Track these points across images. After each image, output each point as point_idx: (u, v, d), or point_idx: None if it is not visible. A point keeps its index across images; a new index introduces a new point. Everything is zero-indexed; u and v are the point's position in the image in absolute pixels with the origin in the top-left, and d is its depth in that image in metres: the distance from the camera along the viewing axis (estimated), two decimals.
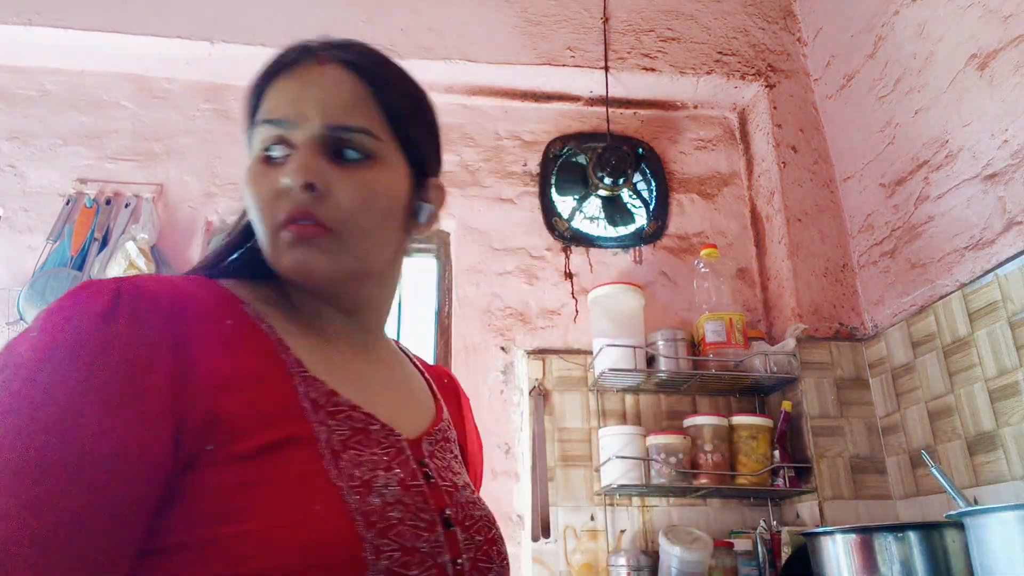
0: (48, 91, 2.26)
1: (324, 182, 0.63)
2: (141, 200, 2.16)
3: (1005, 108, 1.64)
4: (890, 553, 1.41)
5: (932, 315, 1.82)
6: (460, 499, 0.64)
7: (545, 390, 2.10)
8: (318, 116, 0.64)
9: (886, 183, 2.05)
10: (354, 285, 0.69)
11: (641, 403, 2.12)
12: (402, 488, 0.58)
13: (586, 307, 2.17)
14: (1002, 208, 1.63)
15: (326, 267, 0.64)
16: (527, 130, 2.44)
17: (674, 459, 1.91)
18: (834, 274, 2.20)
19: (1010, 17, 1.63)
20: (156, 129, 2.28)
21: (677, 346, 2.05)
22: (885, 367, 1.99)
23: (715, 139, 2.54)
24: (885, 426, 1.99)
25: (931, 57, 1.88)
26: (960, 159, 1.77)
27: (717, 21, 2.51)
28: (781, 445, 1.97)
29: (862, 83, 2.17)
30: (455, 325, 2.19)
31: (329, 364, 0.64)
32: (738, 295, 2.31)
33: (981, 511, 1.28)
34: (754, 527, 1.95)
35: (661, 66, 2.41)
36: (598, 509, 1.99)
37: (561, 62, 2.37)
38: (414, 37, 2.32)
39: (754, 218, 2.44)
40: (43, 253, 2.06)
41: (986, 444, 1.62)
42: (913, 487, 1.86)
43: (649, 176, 2.45)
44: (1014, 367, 1.56)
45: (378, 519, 0.54)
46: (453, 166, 2.37)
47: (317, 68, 0.66)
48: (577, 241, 2.33)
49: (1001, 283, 1.61)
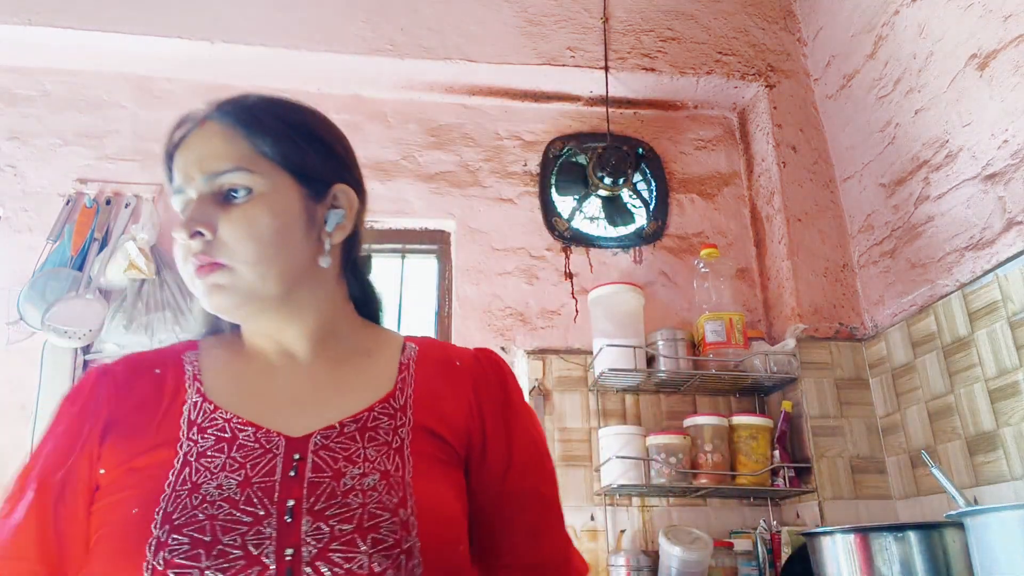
0: (48, 91, 2.26)
1: (210, 227, 0.72)
2: (141, 200, 2.16)
3: (1005, 108, 1.64)
4: (890, 553, 1.41)
5: (932, 315, 1.82)
6: (336, 489, 0.67)
7: (545, 390, 2.10)
8: (198, 172, 0.75)
9: (886, 183, 2.05)
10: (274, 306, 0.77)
11: (641, 403, 2.12)
12: (240, 486, 0.66)
13: (586, 307, 2.17)
14: (1002, 208, 1.63)
15: (234, 299, 0.74)
16: (527, 130, 2.44)
17: (674, 459, 1.91)
18: (834, 274, 2.20)
19: (1010, 17, 1.63)
20: (156, 129, 2.27)
21: (677, 346, 2.05)
22: (885, 367, 1.99)
23: (715, 139, 2.54)
24: (885, 426, 1.99)
25: (931, 57, 1.88)
26: (960, 159, 1.77)
27: (717, 21, 2.51)
28: (781, 445, 1.98)
29: (862, 83, 2.17)
30: (455, 325, 2.19)
31: (236, 384, 0.78)
32: (738, 295, 2.31)
33: (981, 511, 1.28)
34: (754, 527, 1.95)
35: (661, 66, 2.41)
36: (598, 509, 2.00)
37: (561, 62, 2.37)
38: (414, 37, 2.32)
39: (754, 218, 2.44)
40: (43, 253, 2.06)
41: (986, 444, 1.62)
42: (913, 487, 1.86)
43: (649, 176, 2.45)
44: (1014, 367, 1.56)
45: (179, 516, 0.63)
46: (453, 166, 2.37)
47: (197, 131, 0.78)
48: (577, 241, 2.33)
49: (1001, 283, 1.61)
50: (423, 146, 2.38)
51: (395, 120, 2.40)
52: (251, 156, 0.75)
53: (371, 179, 2.30)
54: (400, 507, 0.67)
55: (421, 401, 0.78)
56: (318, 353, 0.81)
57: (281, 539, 0.63)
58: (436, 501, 0.71)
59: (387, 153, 2.35)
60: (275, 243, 0.74)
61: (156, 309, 2.01)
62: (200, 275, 0.73)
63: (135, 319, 1.99)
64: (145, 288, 2.03)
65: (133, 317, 1.99)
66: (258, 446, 0.70)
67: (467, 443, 0.79)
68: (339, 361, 0.81)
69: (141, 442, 0.72)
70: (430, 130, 2.41)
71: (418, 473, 0.71)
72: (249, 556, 0.61)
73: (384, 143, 2.36)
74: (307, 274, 0.78)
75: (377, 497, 0.67)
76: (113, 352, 1.99)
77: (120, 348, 1.98)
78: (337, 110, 2.37)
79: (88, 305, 1.99)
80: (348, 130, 0.88)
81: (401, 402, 0.77)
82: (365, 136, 2.34)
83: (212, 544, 0.61)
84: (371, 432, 0.73)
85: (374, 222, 2.30)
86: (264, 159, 0.76)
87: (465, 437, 0.79)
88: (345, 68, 2.32)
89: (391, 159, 2.34)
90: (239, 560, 0.61)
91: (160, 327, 2.00)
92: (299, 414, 0.74)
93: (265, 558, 0.61)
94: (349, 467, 0.69)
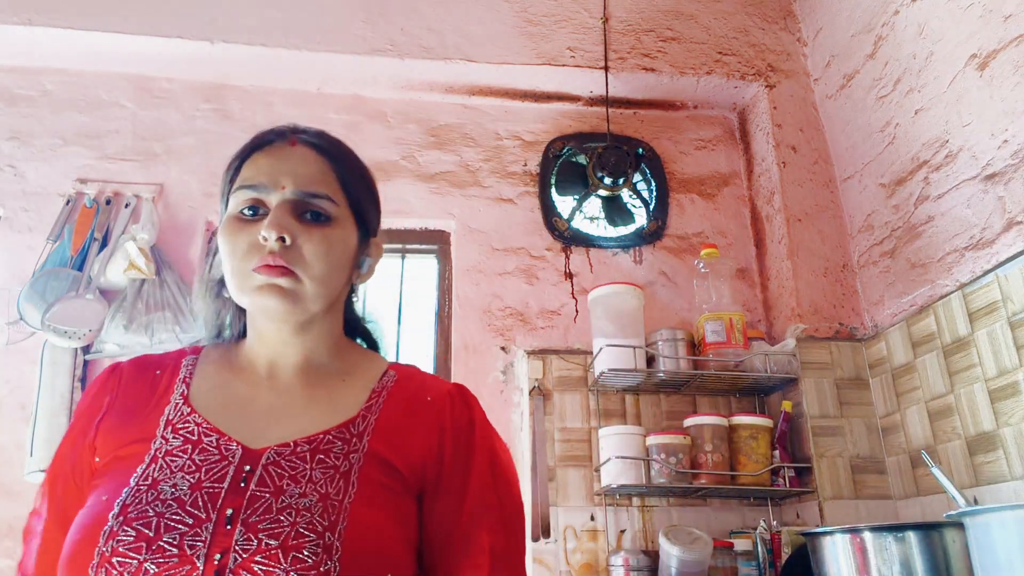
0: (48, 91, 2.26)
1: (292, 236, 0.79)
2: (141, 200, 2.16)
3: (1005, 108, 1.64)
4: (890, 553, 1.41)
5: (932, 315, 1.82)
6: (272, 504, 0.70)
7: (545, 390, 2.10)
8: (291, 183, 0.81)
9: (886, 183, 2.05)
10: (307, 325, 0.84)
11: (641, 403, 2.12)
12: (192, 488, 0.71)
13: (586, 307, 2.17)
14: (1002, 208, 1.63)
15: (288, 305, 0.79)
16: (527, 130, 2.44)
17: (674, 459, 1.91)
18: (834, 274, 2.20)
19: (1010, 17, 1.63)
20: (156, 129, 2.28)
21: (677, 346, 2.05)
22: (885, 367, 1.99)
23: (715, 139, 2.54)
24: (885, 426, 1.99)
25: (931, 57, 1.88)
26: (960, 159, 1.77)
27: (717, 21, 2.51)
28: (781, 445, 1.98)
29: (862, 83, 2.17)
30: (455, 325, 2.19)
31: (219, 391, 0.83)
32: (738, 295, 2.31)
33: (981, 511, 1.28)
34: (754, 527, 1.95)
35: (661, 66, 2.41)
36: (598, 509, 1.99)
37: (561, 62, 2.37)
38: (414, 37, 2.32)
39: (754, 218, 2.44)
40: (43, 253, 2.06)
41: (986, 444, 1.62)
42: (913, 487, 1.86)
43: (649, 176, 2.45)
44: (1014, 367, 1.56)
45: (134, 510, 0.69)
46: (453, 166, 2.37)
47: (288, 148, 0.84)
48: (577, 241, 2.33)
49: (1001, 283, 1.61)
50: (423, 146, 2.38)
51: (395, 120, 2.40)
52: (337, 190, 0.84)
53: None
54: (328, 531, 0.69)
55: (382, 430, 0.80)
56: (300, 373, 0.85)
57: (214, 544, 0.67)
58: (371, 529, 0.72)
59: (387, 153, 2.35)
60: (336, 269, 0.83)
61: (156, 309, 2.01)
62: (267, 273, 0.78)
63: (135, 319, 1.99)
64: (145, 288, 2.03)
65: (133, 317, 1.99)
66: (217, 453, 0.75)
67: (422, 477, 0.80)
68: (315, 383, 0.85)
69: (128, 434, 0.78)
70: (430, 130, 2.41)
71: (360, 499, 0.73)
72: (183, 556, 0.66)
73: (384, 143, 2.36)
74: (335, 304, 0.87)
75: (309, 518, 0.70)
76: (113, 352, 1.99)
77: (120, 348, 1.98)
78: (337, 110, 2.37)
79: (88, 305, 1.98)
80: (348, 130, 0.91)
81: (360, 428, 0.80)
82: (365, 136, 2.34)
83: (154, 539, 0.67)
84: (322, 454, 0.76)
85: None
86: (343, 196, 0.85)
87: (420, 471, 0.80)
88: (345, 68, 2.32)
89: (391, 159, 2.34)
90: (173, 558, 0.66)
91: (160, 327, 2.00)
92: (264, 429, 0.79)
93: (197, 559, 0.66)
94: (291, 485, 0.72)
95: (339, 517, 0.70)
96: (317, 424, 0.79)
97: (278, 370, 0.85)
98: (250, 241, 0.79)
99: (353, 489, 0.73)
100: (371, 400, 0.84)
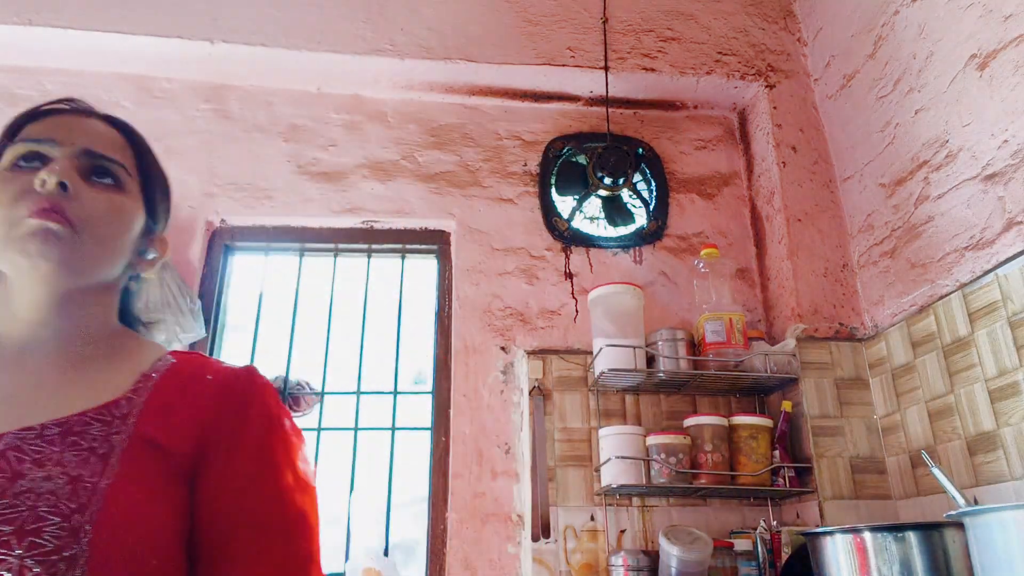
0: (48, 91, 2.26)
1: (75, 187, 0.74)
2: None
3: (1005, 108, 1.64)
4: (890, 553, 1.41)
5: (932, 315, 1.82)
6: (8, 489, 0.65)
7: (545, 390, 2.10)
8: (81, 141, 0.77)
9: (886, 183, 2.05)
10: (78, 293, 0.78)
11: (641, 403, 2.12)
12: None
13: (586, 307, 2.17)
14: (1002, 208, 1.63)
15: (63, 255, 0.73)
16: (527, 130, 2.45)
17: (674, 459, 1.91)
18: (834, 274, 2.20)
19: (1010, 17, 1.63)
20: (156, 129, 2.27)
21: (677, 346, 2.05)
22: (885, 367, 1.99)
23: (715, 139, 2.54)
24: (885, 426, 1.99)
25: (931, 57, 1.88)
26: (960, 159, 1.77)
27: (717, 21, 2.51)
28: (781, 445, 1.98)
29: (862, 83, 2.17)
30: (455, 325, 2.19)
31: None
32: (738, 295, 2.32)
33: (981, 511, 1.28)
34: (754, 527, 1.95)
35: (661, 66, 2.41)
36: (598, 509, 2.00)
37: (561, 62, 2.37)
38: (414, 37, 2.33)
39: (754, 218, 2.44)
40: None
41: (986, 444, 1.62)
42: (913, 487, 1.86)
43: (649, 176, 2.45)
44: (1014, 367, 1.56)
45: None
46: (453, 166, 2.37)
47: (84, 118, 0.81)
48: (577, 241, 2.33)
49: (1001, 283, 1.61)
50: (423, 146, 2.38)
51: (395, 120, 2.40)
52: (132, 166, 0.82)
53: (371, 179, 2.32)
54: (76, 513, 0.65)
55: (151, 412, 0.75)
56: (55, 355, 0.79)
57: None
58: (131, 512, 0.68)
59: (387, 153, 2.35)
60: (118, 238, 0.79)
61: (156, 309, 2.01)
62: (40, 216, 0.72)
63: None
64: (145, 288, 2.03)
65: None
66: None
67: (195, 456, 0.75)
68: (75, 365, 0.79)
69: None
70: (430, 130, 2.41)
71: (122, 482, 0.69)
72: None
73: (384, 143, 2.36)
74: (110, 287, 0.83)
75: (53, 501, 0.65)
76: None
77: None
78: (337, 110, 2.37)
79: None
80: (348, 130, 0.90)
81: (124, 411, 0.75)
82: (365, 136, 2.34)
83: None
84: (75, 437, 0.71)
85: (374, 222, 2.30)
86: (137, 174, 0.83)
87: (195, 450, 0.75)
88: (345, 68, 2.32)
89: (391, 159, 2.34)
90: None
91: (160, 327, 2.00)
92: (7, 411, 0.73)
93: None
94: (34, 469, 0.67)
95: (90, 500, 0.66)
96: (70, 406, 0.74)
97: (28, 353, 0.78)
98: (23, 187, 0.73)
99: (112, 472, 0.69)
100: (141, 383, 0.78)
